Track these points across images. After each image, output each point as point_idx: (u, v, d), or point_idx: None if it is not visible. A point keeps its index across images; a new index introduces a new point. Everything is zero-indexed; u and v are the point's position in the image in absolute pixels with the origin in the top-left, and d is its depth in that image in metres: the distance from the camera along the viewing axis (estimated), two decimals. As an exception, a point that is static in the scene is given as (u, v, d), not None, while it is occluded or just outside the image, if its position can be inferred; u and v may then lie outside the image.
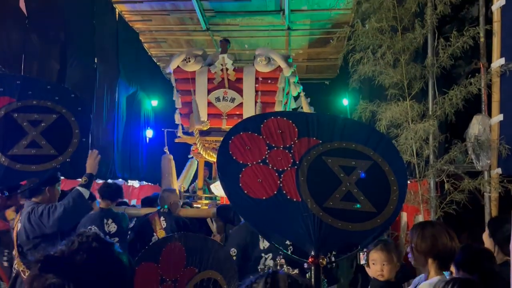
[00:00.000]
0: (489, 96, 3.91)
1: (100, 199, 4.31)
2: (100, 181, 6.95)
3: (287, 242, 3.65)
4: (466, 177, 3.94)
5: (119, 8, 8.25)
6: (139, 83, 9.30)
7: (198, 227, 5.05)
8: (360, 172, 1.68)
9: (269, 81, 6.73)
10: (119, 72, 8.05)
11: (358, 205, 1.63)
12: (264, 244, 3.55)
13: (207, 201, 6.87)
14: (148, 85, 10.00)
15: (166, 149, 7.21)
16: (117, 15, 8.28)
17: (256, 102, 6.70)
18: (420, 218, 4.25)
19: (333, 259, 1.54)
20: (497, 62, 3.76)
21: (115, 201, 4.38)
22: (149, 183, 10.03)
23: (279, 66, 6.61)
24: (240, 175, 1.62)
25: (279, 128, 1.77)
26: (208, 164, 7.68)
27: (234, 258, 2.73)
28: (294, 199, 1.57)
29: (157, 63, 10.99)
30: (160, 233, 4.19)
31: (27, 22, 5.63)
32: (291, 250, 3.49)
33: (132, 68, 8.84)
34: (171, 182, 7.18)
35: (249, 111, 6.69)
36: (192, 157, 7.51)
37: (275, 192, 1.58)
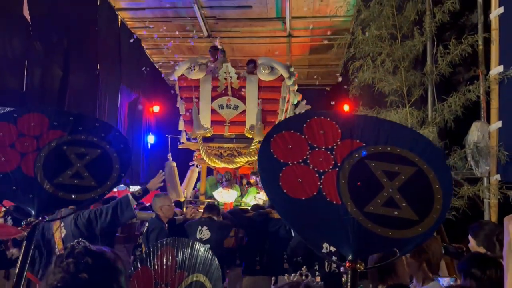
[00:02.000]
0: (488, 103, 3.94)
1: None
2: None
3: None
4: (465, 183, 3.96)
5: (121, 15, 8.33)
6: (141, 89, 9.36)
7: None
8: (403, 178, 1.64)
9: (272, 90, 6.89)
10: (121, 78, 8.11)
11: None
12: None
13: None
14: (150, 91, 10.06)
15: (169, 156, 7.28)
16: (119, 22, 8.35)
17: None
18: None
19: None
20: (496, 69, 3.79)
21: None
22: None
23: (281, 75, 6.77)
24: (280, 174, 1.60)
25: (322, 129, 1.73)
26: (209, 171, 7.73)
27: None
28: (334, 202, 1.55)
29: (159, 70, 11.06)
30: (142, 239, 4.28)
31: (30, 29, 5.69)
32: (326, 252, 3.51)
33: (134, 75, 8.90)
34: (176, 188, 7.24)
35: (252, 118, 6.82)
36: (193, 165, 7.60)
37: (315, 193, 1.56)
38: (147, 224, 4.34)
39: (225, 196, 6.89)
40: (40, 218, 1.69)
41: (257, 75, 6.84)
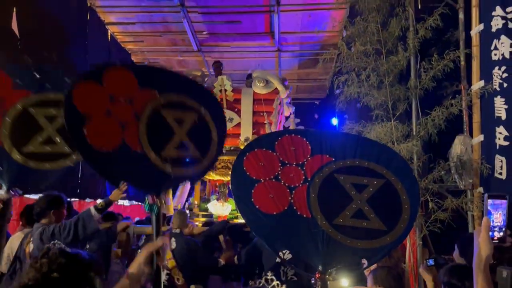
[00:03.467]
0: (470, 117, 4.02)
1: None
2: (90, 200, 6.95)
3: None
4: (449, 196, 4.02)
5: (111, 29, 8.37)
6: (130, 102, 9.36)
7: (210, 245, 5.12)
8: (371, 190, 1.69)
9: (266, 103, 7.01)
10: (110, 92, 8.10)
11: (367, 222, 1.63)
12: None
13: (203, 219, 6.91)
14: (139, 105, 10.07)
15: None
16: (109, 36, 8.39)
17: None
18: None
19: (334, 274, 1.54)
20: (477, 84, 3.88)
21: None
22: (138, 203, 9.99)
23: (276, 88, 6.91)
24: (252, 190, 1.65)
25: (292, 145, 1.79)
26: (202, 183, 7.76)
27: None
28: (304, 215, 1.60)
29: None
30: (167, 255, 4.30)
31: (19, 43, 5.69)
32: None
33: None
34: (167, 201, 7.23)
35: (246, 130, 6.91)
36: None
37: (286, 208, 1.62)
38: (172, 240, 4.32)
39: (219, 209, 6.91)
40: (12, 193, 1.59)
41: (252, 88, 6.97)
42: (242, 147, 6.99)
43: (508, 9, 3.59)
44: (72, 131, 1.52)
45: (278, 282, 2.92)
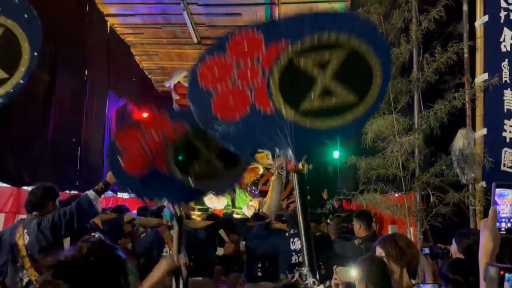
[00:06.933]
0: (473, 110, 3.97)
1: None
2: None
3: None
4: (451, 190, 3.97)
5: (110, 21, 8.30)
6: (129, 95, 9.31)
7: (210, 237, 5.18)
8: (335, 63, 1.58)
9: None
10: (109, 84, 8.06)
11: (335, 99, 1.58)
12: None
13: (199, 213, 6.94)
14: (138, 97, 10.02)
15: None
16: (108, 28, 8.32)
17: None
18: (395, 228, 4.33)
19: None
20: (481, 77, 3.83)
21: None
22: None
23: None
24: (212, 103, 1.60)
25: (245, 41, 1.68)
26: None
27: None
28: (268, 113, 1.55)
29: (148, 76, 11.02)
30: (172, 244, 4.42)
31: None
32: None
33: (123, 80, 8.85)
34: None
35: None
36: None
37: (248, 110, 1.57)
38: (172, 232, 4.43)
39: (215, 202, 7.03)
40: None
41: None
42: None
43: (511, 1, 3.53)
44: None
45: (314, 279, 2.89)
